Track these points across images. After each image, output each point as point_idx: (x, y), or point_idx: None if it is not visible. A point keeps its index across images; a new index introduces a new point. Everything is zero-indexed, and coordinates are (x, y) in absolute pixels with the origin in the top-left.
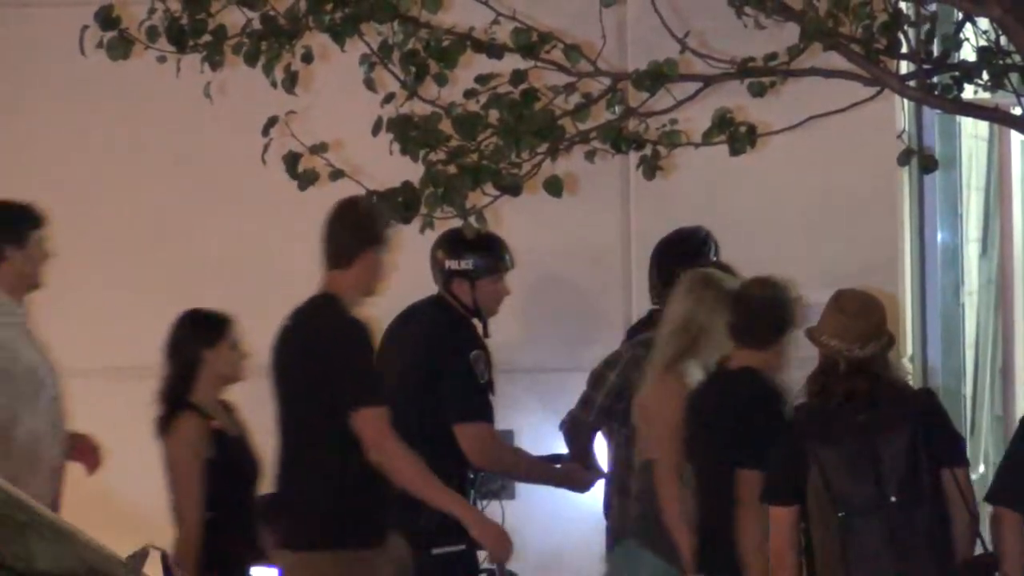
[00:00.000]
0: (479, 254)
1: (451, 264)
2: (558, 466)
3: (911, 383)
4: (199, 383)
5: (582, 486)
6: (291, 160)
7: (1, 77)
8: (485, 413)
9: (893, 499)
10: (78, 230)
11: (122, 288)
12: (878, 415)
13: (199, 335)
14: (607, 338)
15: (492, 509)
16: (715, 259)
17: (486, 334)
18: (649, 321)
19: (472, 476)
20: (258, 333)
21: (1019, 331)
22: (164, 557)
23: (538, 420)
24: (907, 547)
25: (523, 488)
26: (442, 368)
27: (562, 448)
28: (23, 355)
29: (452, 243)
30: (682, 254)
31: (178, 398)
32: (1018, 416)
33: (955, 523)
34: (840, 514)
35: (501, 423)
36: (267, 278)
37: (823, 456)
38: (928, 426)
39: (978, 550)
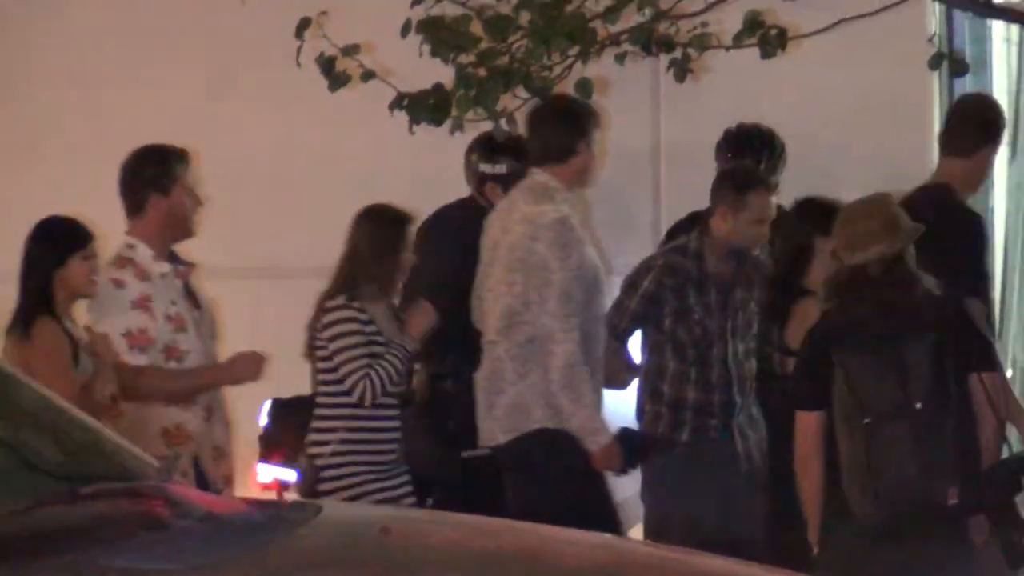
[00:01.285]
0: (514, 159)
1: (485, 167)
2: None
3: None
4: (56, 294)
5: (618, 384)
6: (325, 62)
7: None
8: None
9: (918, 405)
10: (112, 129)
11: None
12: (903, 321)
13: (49, 248)
14: (637, 241)
15: None
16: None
17: None
18: (689, 224)
19: None
20: (298, 233)
21: None
22: (196, 463)
23: None
24: (932, 453)
25: None
26: (475, 267)
27: None
28: None
29: (487, 146)
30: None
31: (35, 306)
32: None
33: (982, 428)
34: (865, 420)
35: None
36: (301, 179)
37: (848, 362)
38: (955, 331)
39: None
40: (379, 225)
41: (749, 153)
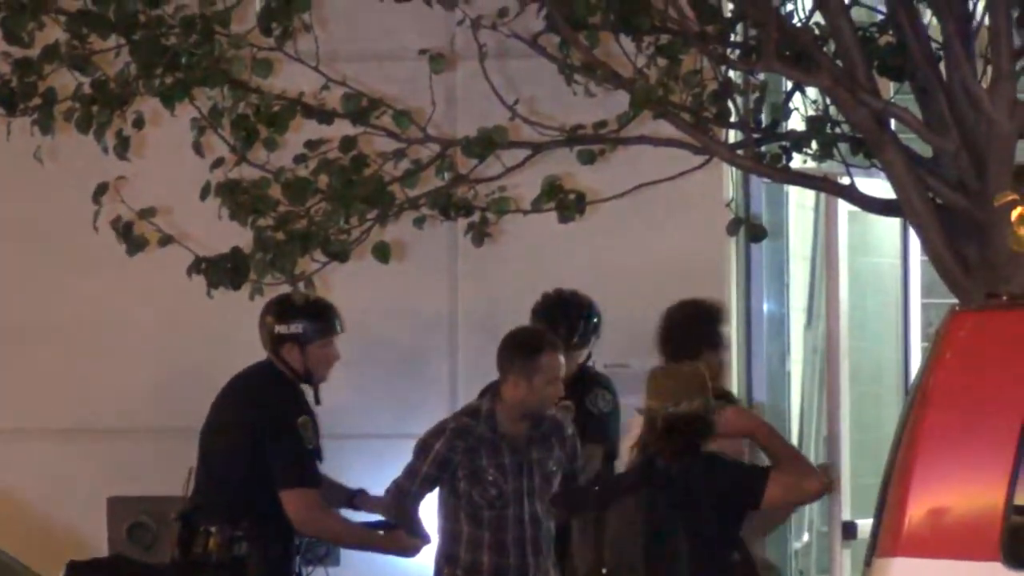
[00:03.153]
0: (309, 318)
1: (280, 328)
2: (382, 533)
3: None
4: None
5: (408, 551)
6: (122, 226)
7: None
8: (311, 479)
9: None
10: None
11: None
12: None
13: None
14: (434, 403)
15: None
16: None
17: (317, 400)
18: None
19: (298, 542)
20: (95, 395)
21: (844, 401)
22: None
23: (367, 486)
24: None
25: (348, 555)
26: (269, 433)
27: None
28: None
29: (282, 307)
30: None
31: None
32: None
33: None
34: None
35: None
36: (100, 340)
37: None
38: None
39: None
40: None
41: (563, 320)
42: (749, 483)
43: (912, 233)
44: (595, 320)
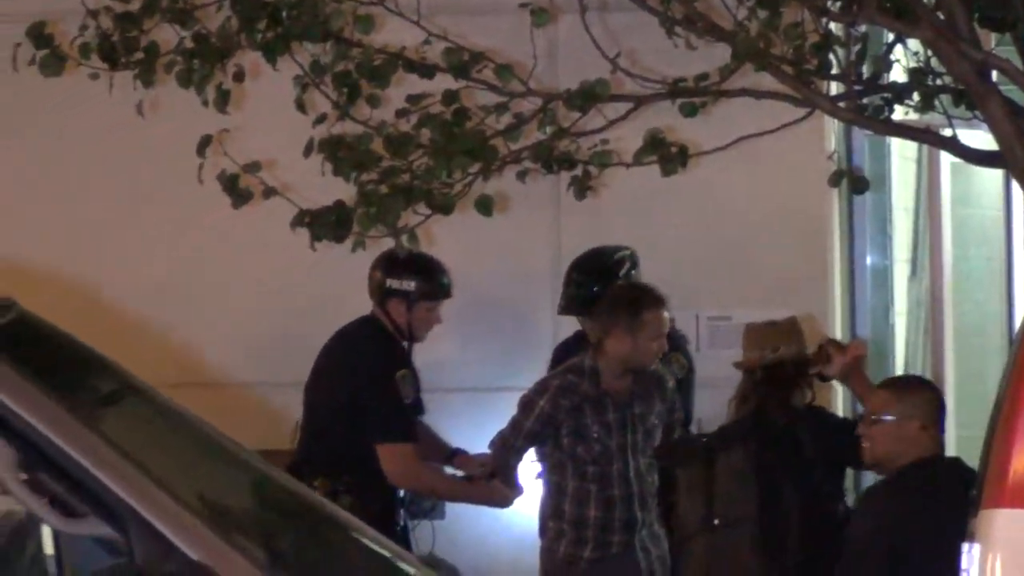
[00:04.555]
0: (422, 278)
1: (391, 282)
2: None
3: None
4: None
5: (503, 502)
6: (227, 179)
7: None
8: (406, 433)
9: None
10: (10, 247)
11: (51, 310)
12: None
13: None
14: (537, 357)
15: (422, 529)
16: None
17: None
18: (575, 342)
19: (403, 496)
20: (200, 350)
21: (948, 352)
22: None
23: (470, 440)
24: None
25: (453, 508)
26: (367, 386)
27: None
28: None
29: (394, 263)
30: (598, 272)
31: None
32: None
33: None
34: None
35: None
36: (205, 295)
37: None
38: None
39: None
40: None
41: (595, 277)
42: (854, 438)
43: (1015, 184)
44: (626, 275)
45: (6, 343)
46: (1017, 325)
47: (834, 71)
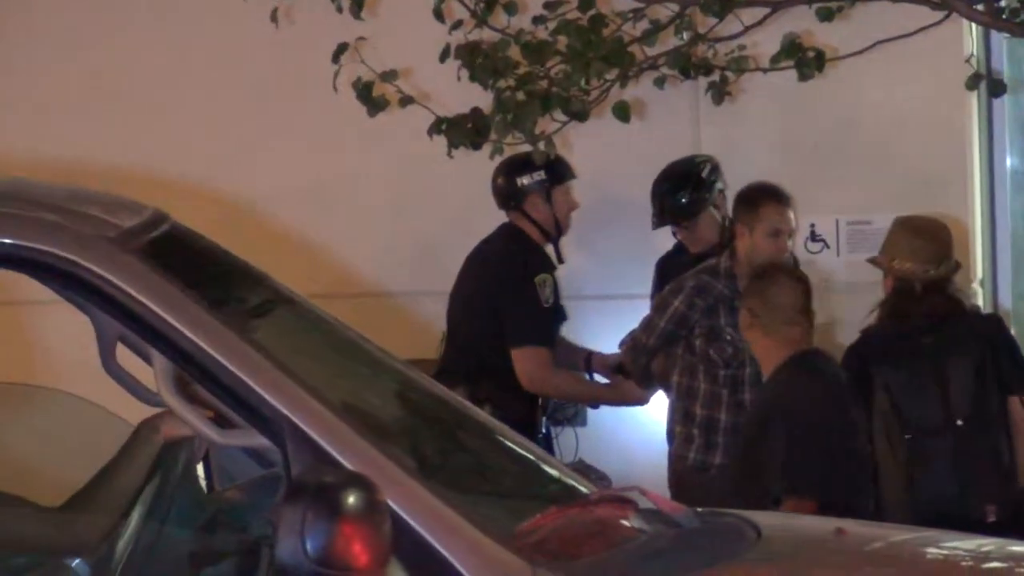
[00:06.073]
0: (547, 166)
1: (524, 180)
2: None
3: (980, 307)
4: None
5: (638, 402)
6: (363, 87)
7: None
8: (543, 337)
9: (960, 422)
10: (144, 156)
11: (203, 224)
12: (946, 338)
13: None
14: None
15: (565, 436)
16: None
17: (560, 259)
18: (675, 254)
19: (543, 402)
20: (349, 261)
21: None
22: None
23: (608, 346)
24: (970, 469)
25: (594, 415)
26: (505, 291)
27: None
28: None
29: (514, 164)
30: (684, 179)
31: None
32: None
33: (1018, 449)
34: (907, 435)
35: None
36: (353, 204)
37: (890, 377)
38: (995, 351)
39: None
40: None
41: (681, 186)
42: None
43: None
44: (708, 182)
45: (160, 255)
46: None
47: None
